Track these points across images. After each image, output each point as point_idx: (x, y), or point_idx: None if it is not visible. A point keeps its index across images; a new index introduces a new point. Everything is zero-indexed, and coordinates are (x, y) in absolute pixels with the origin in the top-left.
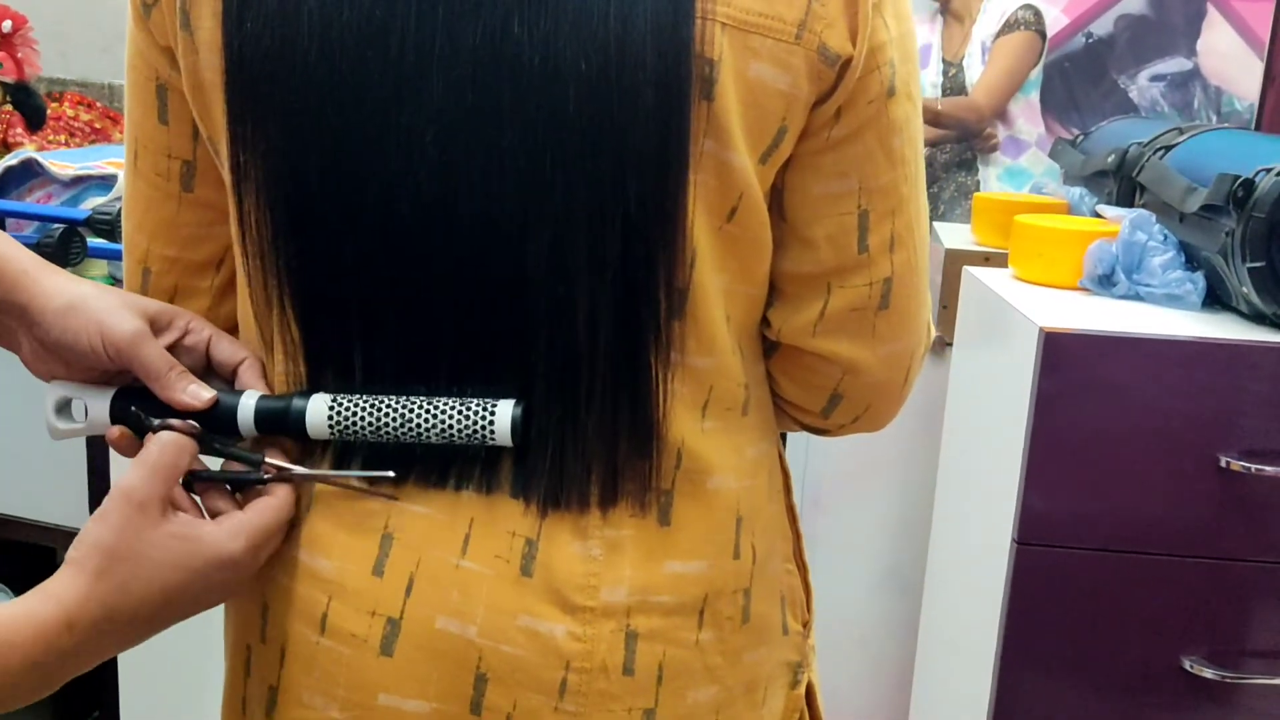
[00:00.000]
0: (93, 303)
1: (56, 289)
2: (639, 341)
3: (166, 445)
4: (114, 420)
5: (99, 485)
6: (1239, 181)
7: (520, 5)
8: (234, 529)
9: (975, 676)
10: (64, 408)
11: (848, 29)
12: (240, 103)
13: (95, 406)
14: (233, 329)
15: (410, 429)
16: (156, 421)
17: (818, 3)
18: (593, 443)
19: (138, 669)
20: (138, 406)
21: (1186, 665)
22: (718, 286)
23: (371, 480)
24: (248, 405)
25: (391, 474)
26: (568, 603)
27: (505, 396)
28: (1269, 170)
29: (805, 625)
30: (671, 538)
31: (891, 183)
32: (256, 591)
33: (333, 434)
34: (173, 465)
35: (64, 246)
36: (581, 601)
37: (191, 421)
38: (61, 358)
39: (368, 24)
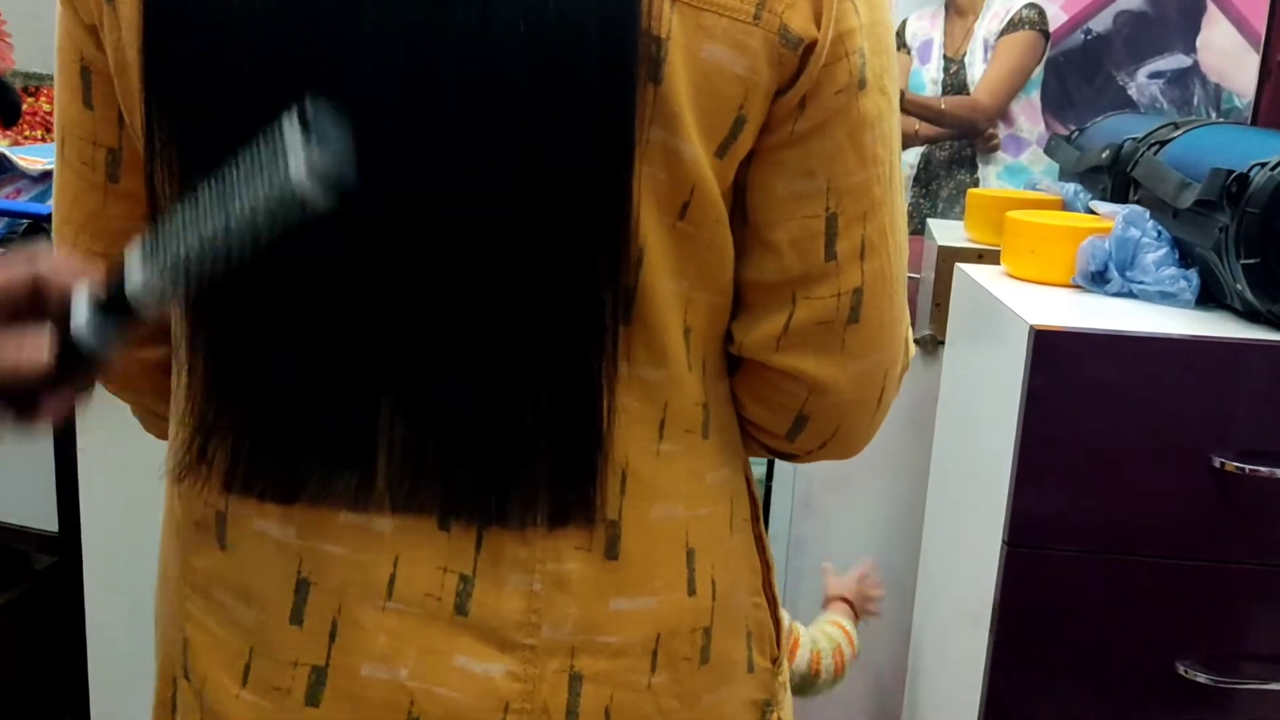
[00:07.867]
0: None
1: None
2: (583, 345)
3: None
4: None
5: (66, 487)
6: (1233, 176)
7: None
8: None
9: (966, 679)
10: None
11: (811, 10)
12: (156, 76)
13: None
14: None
15: (208, 210)
16: None
17: None
18: (532, 459)
19: (109, 674)
20: None
21: (1180, 670)
22: (673, 292)
23: None
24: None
25: None
26: (506, 641)
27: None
28: (1263, 165)
29: (774, 661)
30: (618, 573)
31: (863, 183)
32: (176, 625)
33: (159, 274)
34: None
35: (29, 242)
36: (521, 639)
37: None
38: None
39: None
